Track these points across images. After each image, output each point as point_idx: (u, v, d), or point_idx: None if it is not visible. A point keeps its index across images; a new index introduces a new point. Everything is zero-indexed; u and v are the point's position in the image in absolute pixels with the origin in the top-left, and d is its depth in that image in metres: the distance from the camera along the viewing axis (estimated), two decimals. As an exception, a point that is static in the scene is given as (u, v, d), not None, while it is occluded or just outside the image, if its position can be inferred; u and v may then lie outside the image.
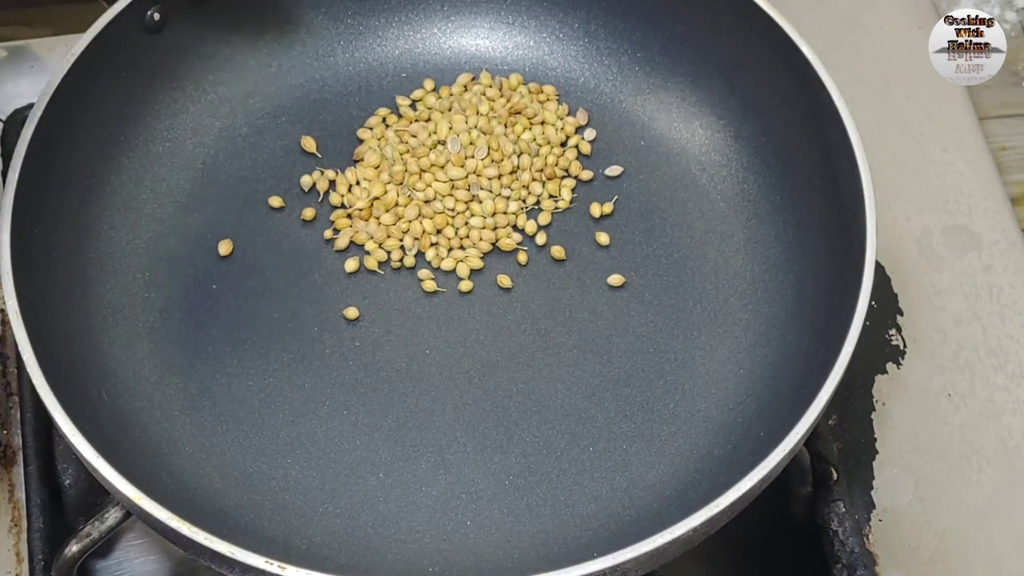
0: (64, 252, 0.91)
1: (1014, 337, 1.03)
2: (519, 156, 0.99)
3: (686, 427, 0.90)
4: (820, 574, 0.94)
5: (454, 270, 0.96)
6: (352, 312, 0.94)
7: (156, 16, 0.96)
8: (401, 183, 0.98)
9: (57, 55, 1.09)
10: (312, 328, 0.93)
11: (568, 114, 1.02)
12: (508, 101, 1.01)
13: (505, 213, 0.98)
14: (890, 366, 1.02)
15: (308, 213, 0.98)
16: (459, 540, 0.87)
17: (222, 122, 1.00)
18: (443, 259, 0.96)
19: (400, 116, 1.01)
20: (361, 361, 0.92)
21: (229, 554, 0.77)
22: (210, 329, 0.93)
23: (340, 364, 0.92)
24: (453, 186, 0.98)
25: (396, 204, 0.97)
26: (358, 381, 0.92)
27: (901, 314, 1.04)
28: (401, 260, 0.96)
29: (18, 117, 1.04)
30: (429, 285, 0.95)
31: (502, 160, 0.98)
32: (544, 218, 0.98)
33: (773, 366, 0.91)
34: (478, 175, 0.98)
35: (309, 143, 1.00)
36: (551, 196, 0.99)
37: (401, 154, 0.99)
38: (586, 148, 1.01)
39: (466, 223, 0.97)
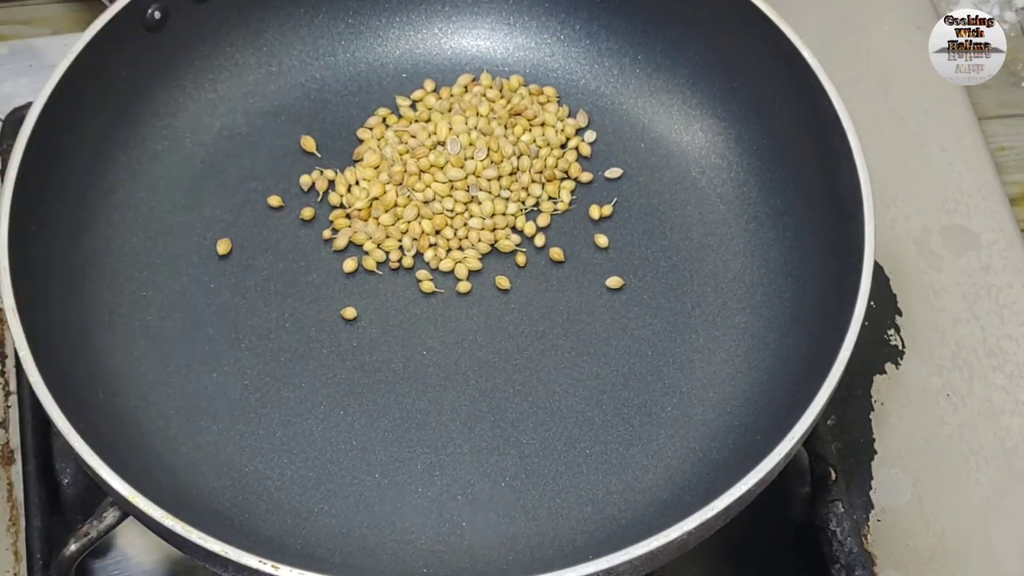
0: (62, 250, 0.91)
1: (1013, 337, 1.03)
2: (519, 157, 0.99)
3: (683, 430, 0.90)
4: (818, 574, 0.94)
5: (452, 271, 0.96)
6: (350, 312, 0.94)
7: (156, 14, 0.96)
8: (400, 183, 0.98)
9: (56, 54, 1.08)
10: (310, 328, 0.93)
11: (568, 116, 1.01)
12: (508, 102, 1.01)
13: (504, 214, 0.97)
14: (889, 366, 1.02)
15: (307, 213, 0.97)
16: (454, 541, 0.87)
17: (221, 121, 1.00)
18: (441, 260, 0.96)
19: (400, 116, 1.01)
20: (358, 361, 0.92)
21: (223, 553, 0.77)
22: (207, 328, 0.93)
23: (337, 364, 0.92)
24: (452, 187, 0.98)
25: (395, 204, 0.97)
26: (355, 381, 0.92)
27: (900, 314, 1.04)
28: (399, 261, 0.96)
29: (17, 116, 1.04)
30: (427, 286, 0.95)
31: (501, 161, 0.98)
32: (543, 220, 0.98)
33: (771, 370, 0.91)
34: (477, 176, 0.98)
35: (309, 143, 1.00)
36: (550, 198, 0.99)
37: (401, 154, 0.99)
38: (586, 150, 1.00)
39: (465, 224, 0.97)
